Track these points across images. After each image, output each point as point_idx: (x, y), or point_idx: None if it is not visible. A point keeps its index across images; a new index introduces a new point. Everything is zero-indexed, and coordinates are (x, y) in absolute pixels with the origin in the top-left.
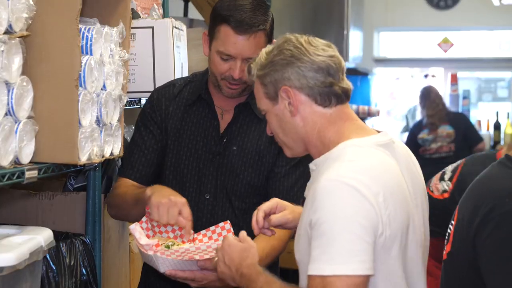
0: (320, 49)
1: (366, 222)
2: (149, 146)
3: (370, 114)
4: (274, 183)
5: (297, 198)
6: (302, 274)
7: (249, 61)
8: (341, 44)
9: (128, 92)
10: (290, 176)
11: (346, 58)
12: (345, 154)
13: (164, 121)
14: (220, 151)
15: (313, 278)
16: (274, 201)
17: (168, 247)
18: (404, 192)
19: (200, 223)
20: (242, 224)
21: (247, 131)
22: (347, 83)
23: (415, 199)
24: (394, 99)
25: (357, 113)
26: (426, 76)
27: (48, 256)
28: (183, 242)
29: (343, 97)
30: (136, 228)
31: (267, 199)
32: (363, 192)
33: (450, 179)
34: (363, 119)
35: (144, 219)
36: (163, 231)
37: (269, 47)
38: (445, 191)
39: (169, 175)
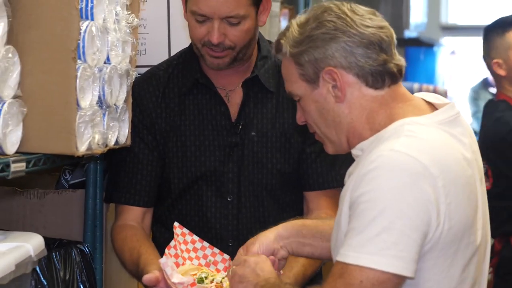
0: (366, 18)
1: (415, 212)
2: (142, 159)
3: None
4: (309, 165)
5: (340, 178)
6: None
7: (230, 21)
8: (400, 8)
9: (137, 66)
10: (327, 153)
11: (406, 26)
12: (402, 130)
13: (156, 123)
14: (238, 141)
15: (336, 264)
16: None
17: (202, 280)
18: (469, 182)
19: (226, 232)
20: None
21: (263, 111)
22: (400, 59)
23: (482, 192)
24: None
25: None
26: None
27: (38, 269)
28: (217, 270)
29: (398, 75)
30: (167, 263)
31: (301, 189)
32: (419, 172)
33: None
34: None
35: (172, 243)
36: (193, 257)
37: (301, 18)
38: None
39: (178, 184)
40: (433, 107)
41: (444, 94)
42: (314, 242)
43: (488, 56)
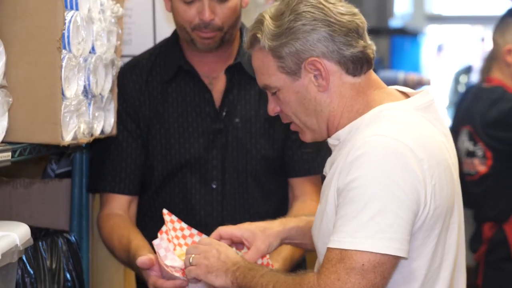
0: (339, 6)
1: (405, 193)
2: (126, 147)
3: (420, 83)
4: (294, 151)
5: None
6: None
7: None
8: None
9: (123, 56)
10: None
11: (391, 15)
12: (383, 115)
13: (139, 111)
14: (222, 127)
15: (330, 250)
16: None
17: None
18: (449, 165)
19: (210, 218)
20: (262, 212)
21: (247, 97)
22: (372, 43)
23: (457, 178)
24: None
25: (405, 83)
26: (483, 40)
27: (24, 258)
28: None
29: (372, 61)
30: (161, 244)
31: (286, 175)
32: (406, 155)
33: None
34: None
35: (164, 228)
36: (183, 244)
37: (272, 10)
38: None
39: (162, 171)
40: (406, 95)
41: (428, 82)
42: None
43: (503, 40)
